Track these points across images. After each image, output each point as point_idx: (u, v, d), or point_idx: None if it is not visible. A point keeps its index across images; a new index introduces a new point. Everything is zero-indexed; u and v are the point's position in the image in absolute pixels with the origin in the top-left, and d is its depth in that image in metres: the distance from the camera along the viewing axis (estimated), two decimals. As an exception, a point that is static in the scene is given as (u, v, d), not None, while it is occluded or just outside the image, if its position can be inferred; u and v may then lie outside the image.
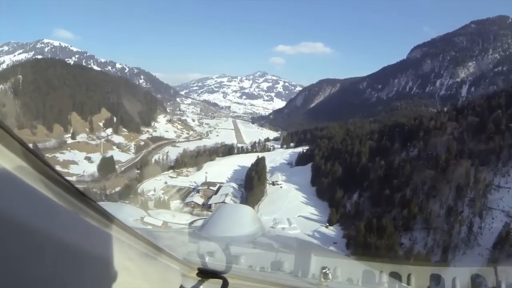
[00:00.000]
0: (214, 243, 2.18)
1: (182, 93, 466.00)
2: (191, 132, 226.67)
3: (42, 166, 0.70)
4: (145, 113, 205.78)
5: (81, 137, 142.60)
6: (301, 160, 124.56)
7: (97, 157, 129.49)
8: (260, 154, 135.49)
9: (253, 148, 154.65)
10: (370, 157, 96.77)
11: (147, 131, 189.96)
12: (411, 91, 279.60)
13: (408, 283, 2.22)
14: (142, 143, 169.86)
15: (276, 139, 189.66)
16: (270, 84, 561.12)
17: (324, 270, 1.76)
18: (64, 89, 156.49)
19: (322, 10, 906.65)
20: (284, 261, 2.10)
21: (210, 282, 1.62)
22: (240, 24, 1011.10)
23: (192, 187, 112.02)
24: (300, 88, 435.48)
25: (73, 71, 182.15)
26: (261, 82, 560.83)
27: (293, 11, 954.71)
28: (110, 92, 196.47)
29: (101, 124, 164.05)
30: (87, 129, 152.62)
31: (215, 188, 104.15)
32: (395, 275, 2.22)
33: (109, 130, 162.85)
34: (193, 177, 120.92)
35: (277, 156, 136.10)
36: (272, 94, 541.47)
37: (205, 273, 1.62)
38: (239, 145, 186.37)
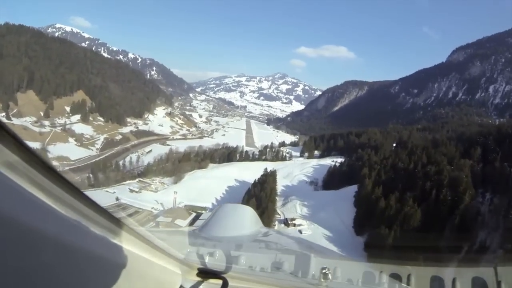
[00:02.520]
0: (214, 243, 2.14)
1: (198, 89, 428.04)
2: (192, 129, 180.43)
3: (42, 165, 0.66)
4: (138, 103, 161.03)
5: (25, 121, 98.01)
6: (334, 179, 75.34)
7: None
8: (271, 164, 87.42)
9: (263, 154, 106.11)
10: (476, 192, 47.28)
11: (134, 123, 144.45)
12: (456, 98, 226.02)
13: (408, 284, 2.16)
14: (119, 137, 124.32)
15: (293, 144, 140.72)
16: (290, 86, 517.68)
17: (324, 271, 1.70)
18: (20, 60, 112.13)
19: (347, 13, 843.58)
20: (284, 261, 2.04)
21: (210, 282, 1.55)
22: (262, 25, 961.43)
23: (156, 211, 64.92)
24: (320, 93, 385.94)
25: (49, 43, 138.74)
26: (280, 84, 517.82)
27: (317, 12, 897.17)
28: (96, 73, 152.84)
29: (67, 108, 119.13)
30: (41, 113, 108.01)
31: (185, 222, 56.50)
32: (395, 276, 2.17)
33: (76, 117, 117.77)
34: (164, 194, 74.00)
35: (295, 169, 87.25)
36: (291, 97, 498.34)
37: (205, 273, 1.56)
38: (247, 148, 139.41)
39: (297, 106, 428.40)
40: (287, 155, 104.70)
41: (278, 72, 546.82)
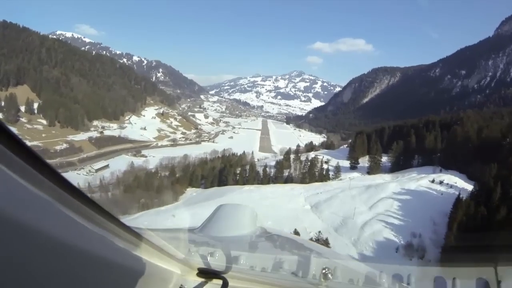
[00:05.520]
0: (214, 243, 2.05)
1: (212, 92, 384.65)
2: (191, 131, 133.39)
3: (42, 165, 0.62)
4: (116, 102, 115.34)
5: None
6: (478, 238, 25.01)
7: None
8: (302, 191, 38.38)
9: (284, 166, 55.92)
10: None
11: (102, 127, 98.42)
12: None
13: (409, 284, 2.01)
14: (63, 146, 78.78)
15: (326, 146, 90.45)
16: (308, 84, 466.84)
17: (324, 271, 1.61)
18: None
19: (363, 1, 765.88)
20: (284, 261, 1.90)
21: (210, 282, 1.49)
22: (274, 23, 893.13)
23: None
24: (340, 89, 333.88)
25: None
26: (297, 82, 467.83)
27: (331, 3, 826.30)
28: (54, 65, 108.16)
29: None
30: None
31: None
32: (396, 276, 2.03)
33: (-7, 121, 72.33)
34: None
35: (357, 205, 36.59)
36: (310, 95, 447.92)
37: (205, 273, 1.49)
38: (261, 154, 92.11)
39: (317, 104, 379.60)
40: (329, 167, 53.89)
41: (295, 70, 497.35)
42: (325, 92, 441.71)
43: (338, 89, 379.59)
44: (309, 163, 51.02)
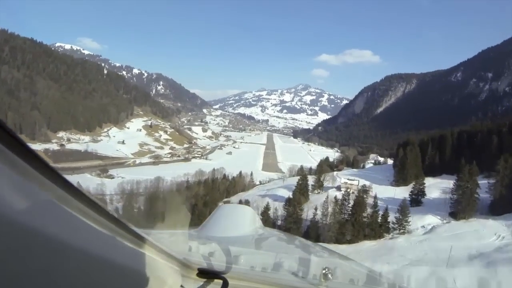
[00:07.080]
0: (214, 243, 2.01)
1: (216, 106, 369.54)
2: (182, 146, 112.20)
3: (42, 166, 0.60)
4: (94, 111, 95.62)
5: None
6: None
7: None
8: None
9: (298, 202, 33.73)
10: None
11: (67, 140, 78.41)
12: None
13: (409, 284, 2.06)
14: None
15: (347, 163, 68.52)
16: (314, 97, 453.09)
17: (324, 271, 1.59)
18: None
19: (371, 12, 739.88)
20: (285, 261, 1.94)
21: (210, 282, 1.46)
22: (278, 36, 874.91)
23: None
24: (347, 102, 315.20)
25: None
26: (303, 95, 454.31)
27: (337, 15, 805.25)
28: (20, 66, 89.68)
29: None
30: None
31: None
32: (395, 277, 2.09)
33: None
34: None
35: None
36: (316, 108, 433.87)
37: (205, 274, 1.46)
38: (263, 174, 71.38)
39: (323, 117, 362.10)
40: (386, 204, 31.10)
41: (300, 83, 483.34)
42: (332, 105, 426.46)
43: (345, 102, 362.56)
44: (349, 201, 28.13)
